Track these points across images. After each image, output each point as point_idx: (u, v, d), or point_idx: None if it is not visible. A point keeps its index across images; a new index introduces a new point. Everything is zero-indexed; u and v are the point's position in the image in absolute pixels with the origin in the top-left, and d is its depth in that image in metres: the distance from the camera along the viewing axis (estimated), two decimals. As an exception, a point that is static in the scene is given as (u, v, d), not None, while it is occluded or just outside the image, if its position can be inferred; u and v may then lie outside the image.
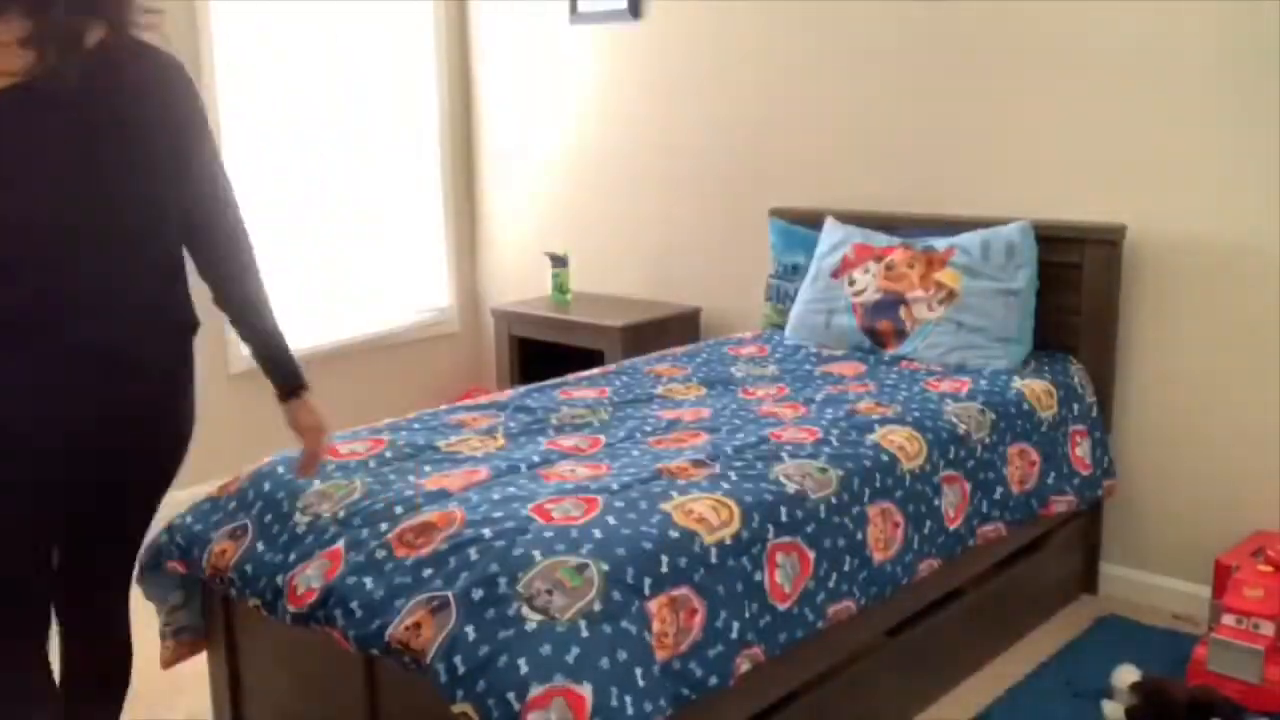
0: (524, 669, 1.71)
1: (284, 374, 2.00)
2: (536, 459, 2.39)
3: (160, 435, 1.85)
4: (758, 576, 2.07)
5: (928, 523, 2.50)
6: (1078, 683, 2.73)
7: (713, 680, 1.94)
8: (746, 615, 2.03)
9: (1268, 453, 2.95)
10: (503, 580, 1.85)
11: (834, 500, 2.28)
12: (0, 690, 1.74)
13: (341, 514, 2.16)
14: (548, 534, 1.95)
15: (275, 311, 1.99)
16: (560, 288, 4.30)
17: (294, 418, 2.03)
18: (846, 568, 2.27)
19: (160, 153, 1.76)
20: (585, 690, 1.71)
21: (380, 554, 2.01)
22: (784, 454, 2.38)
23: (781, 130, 3.83)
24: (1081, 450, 3.01)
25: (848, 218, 3.51)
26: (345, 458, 2.40)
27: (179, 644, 2.44)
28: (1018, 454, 2.81)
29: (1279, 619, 2.55)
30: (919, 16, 3.42)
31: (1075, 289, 3.14)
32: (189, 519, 2.36)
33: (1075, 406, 3.02)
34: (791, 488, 2.23)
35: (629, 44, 4.21)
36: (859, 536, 2.31)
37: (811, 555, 2.19)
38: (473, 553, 1.92)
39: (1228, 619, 2.60)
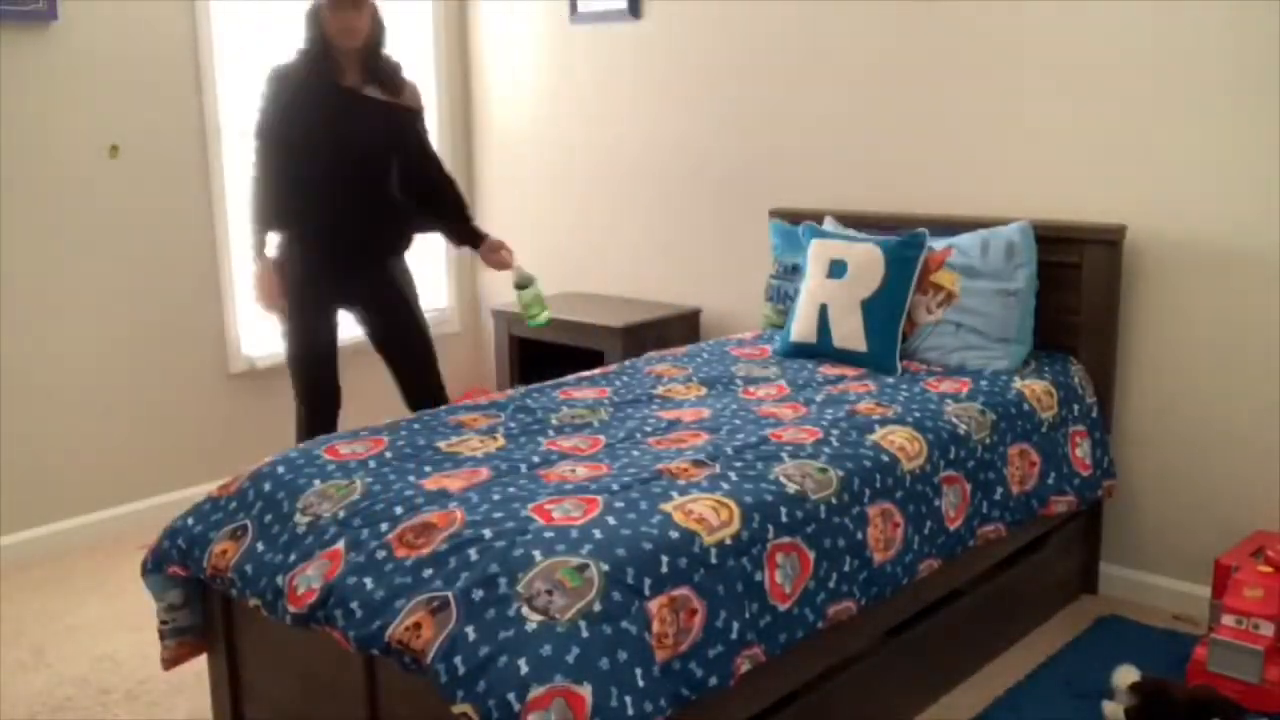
0: (524, 669, 1.71)
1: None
2: (536, 459, 2.39)
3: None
4: (758, 577, 2.07)
5: (928, 523, 2.50)
6: (1078, 683, 2.73)
7: (713, 680, 1.94)
8: (746, 615, 2.03)
9: (1268, 453, 2.96)
10: (503, 580, 1.85)
11: (834, 500, 2.28)
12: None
13: (341, 514, 2.16)
14: (548, 534, 1.95)
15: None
16: (530, 311, 3.36)
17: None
18: (846, 568, 2.27)
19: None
20: (585, 691, 1.71)
21: (380, 554, 2.01)
22: (784, 454, 2.38)
23: (781, 130, 3.83)
24: (1081, 451, 3.01)
25: (848, 218, 3.51)
26: (345, 458, 2.40)
27: (179, 644, 2.44)
28: (1018, 454, 2.81)
29: (1279, 619, 2.56)
30: (919, 17, 3.42)
31: (1075, 289, 3.15)
32: (189, 520, 2.36)
33: (1075, 407, 3.02)
34: (791, 488, 2.23)
35: (629, 44, 4.21)
36: (859, 537, 2.31)
37: (811, 555, 2.19)
38: (473, 553, 1.92)
39: (1228, 619, 2.60)
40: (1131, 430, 3.20)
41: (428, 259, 4.76)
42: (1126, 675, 2.57)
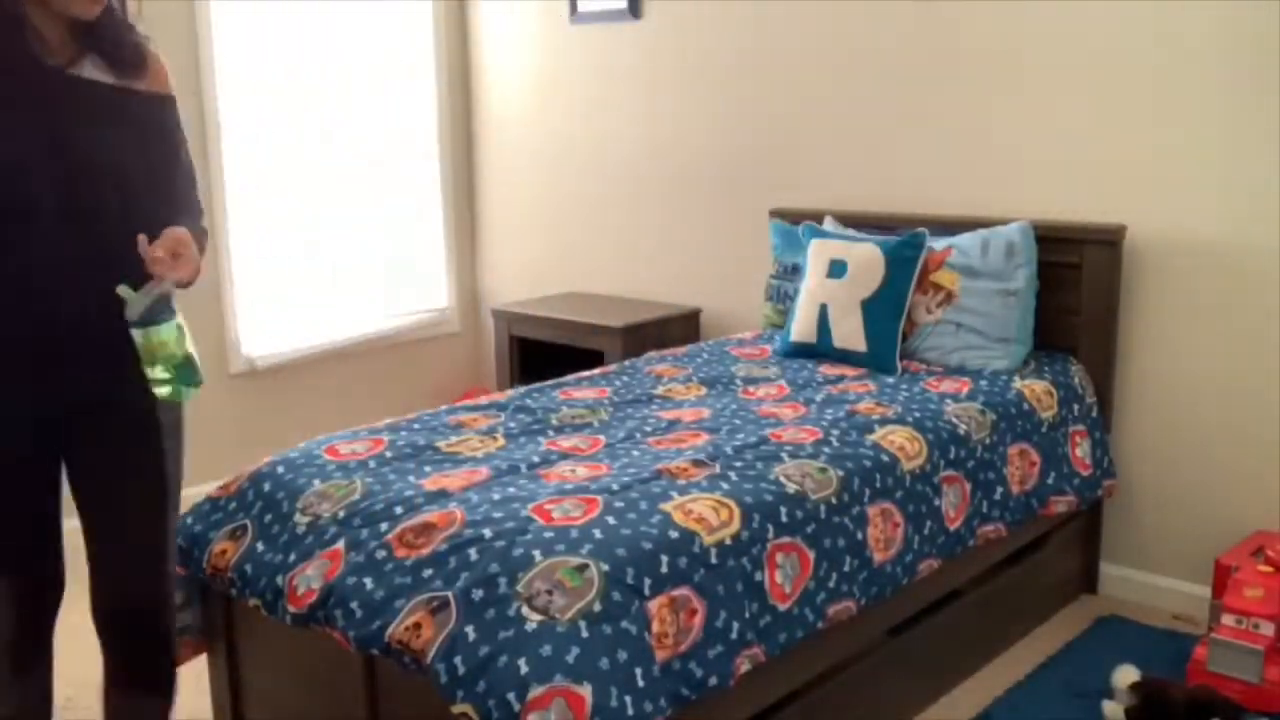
0: (524, 669, 1.71)
1: None
2: (536, 459, 2.39)
3: None
4: (758, 576, 2.07)
5: (928, 523, 2.50)
6: (1078, 683, 2.73)
7: (713, 680, 1.94)
8: (746, 615, 2.03)
9: (1268, 453, 2.95)
10: (503, 580, 1.85)
11: (834, 500, 2.28)
12: None
13: (341, 514, 2.16)
14: (548, 534, 1.95)
15: None
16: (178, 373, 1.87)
17: None
18: (846, 568, 2.27)
19: None
20: (585, 690, 1.71)
21: (380, 554, 2.01)
22: (784, 454, 2.38)
23: (781, 130, 3.83)
24: (1081, 450, 3.01)
25: (848, 218, 3.51)
26: (345, 458, 2.40)
27: (179, 644, 2.43)
28: (1018, 454, 2.81)
29: (1279, 619, 2.56)
30: (919, 16, 3.42)
31: (1075, 289, 3.15)
32: (189, 520, 2.36)
33: (1075, 406, 3.02)
34: (791, 488, 2.23)
35: (629, 44, 4.21)
36: (859, 537, 2.31)
37: (811, 555, 2.19)
38: (473, 553, 1.92)
39: (1228, 619, 2.60)
40: (1131, 430, 3.20)
41: (426, 255, 4.77)
42: (1126, 675, 2.57)
